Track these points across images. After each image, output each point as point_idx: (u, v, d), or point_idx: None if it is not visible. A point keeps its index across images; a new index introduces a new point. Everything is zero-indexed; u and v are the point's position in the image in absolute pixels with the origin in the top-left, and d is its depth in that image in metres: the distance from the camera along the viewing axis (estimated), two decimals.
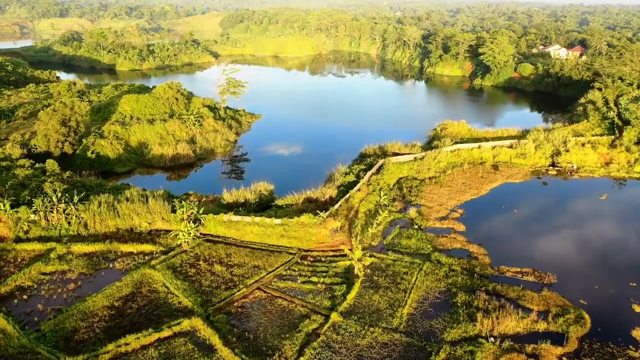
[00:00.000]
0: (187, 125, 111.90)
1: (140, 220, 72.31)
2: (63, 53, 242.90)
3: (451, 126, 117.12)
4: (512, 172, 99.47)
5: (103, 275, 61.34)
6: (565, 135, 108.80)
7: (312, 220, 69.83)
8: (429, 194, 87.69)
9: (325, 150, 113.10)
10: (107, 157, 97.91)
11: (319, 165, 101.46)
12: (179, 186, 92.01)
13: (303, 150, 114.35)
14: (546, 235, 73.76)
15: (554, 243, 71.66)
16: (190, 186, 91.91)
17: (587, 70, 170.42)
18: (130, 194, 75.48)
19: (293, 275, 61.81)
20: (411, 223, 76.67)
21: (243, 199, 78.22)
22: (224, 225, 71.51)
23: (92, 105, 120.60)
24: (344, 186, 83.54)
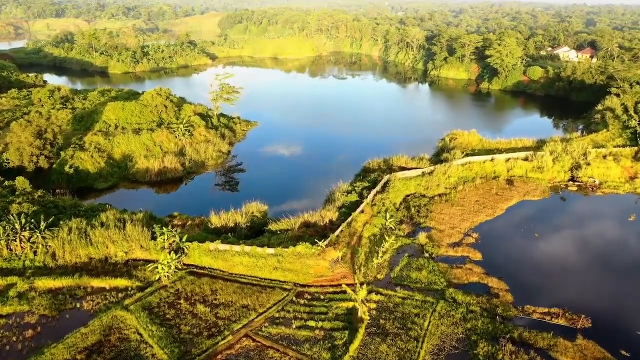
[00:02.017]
0: (177, 135, 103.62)
1: (116, 249, 64.11)
2: (54, 55, 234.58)
3: (461, 136, 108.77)
4: (528, 188, 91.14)
5: (68, 318, 53.14)
6: (585, 147, 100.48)
7: (310, 250, 61.58)
8: (440, 215, 79.39)
9: (325, 161, 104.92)
10: (87, 171, 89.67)
11: (318, 179, 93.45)
12: (165, 204, 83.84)
13: (301, 161, 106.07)
14: (573, 266, 65.47)
15: (583, 276, 63.34)
16: (176, 204, 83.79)
17: (600, 74, 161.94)
18: (106, 217, 67.20)
19: (287, 318, 53.56)
20: (421, 250, 68.41)
21: (233, 223, 69.97)
22: (210, 255, 63.28)
23: (75, 113, 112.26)
24: (346, 207, 75.30)
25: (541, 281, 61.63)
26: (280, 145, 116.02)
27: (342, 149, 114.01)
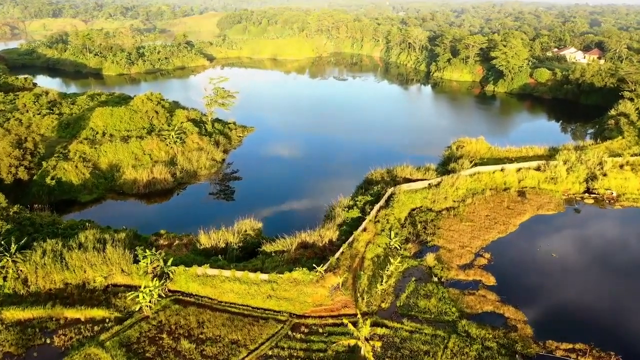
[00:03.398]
0: (168, 143, 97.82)
1: (95, 274, 58.35)
2: (48, 56, 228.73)
3: (468, 144, 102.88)
4: (542, 200, 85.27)
5: (35, 357, 47.37)
6: (601, 156, 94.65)
7: (307, 276, 55.78)
8: (448, 232, 73.56)
9: (325, 169, 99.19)
10: (70, 183, 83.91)
11: (318, 190, 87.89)
12: (152, 219, 78.29)
13: (299, 169, 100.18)
14: (598, 292, 59.61)
15: (609, 303, 57.47)
16: (165, 219, 78.31)
17: (610, 77, 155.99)
18: (85, 238, 61.43)
19: (282, 356, 47.74)
20: (429, 273, 62.57)
21: (224, 243, 64.17)
22: (197, 280, 57.51)
23: (61, 119, 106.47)
24: (347, 224, 69.48)
25: (563, 311, 55.81)
26: (278, 152, 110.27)
27: (343, 156, 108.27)
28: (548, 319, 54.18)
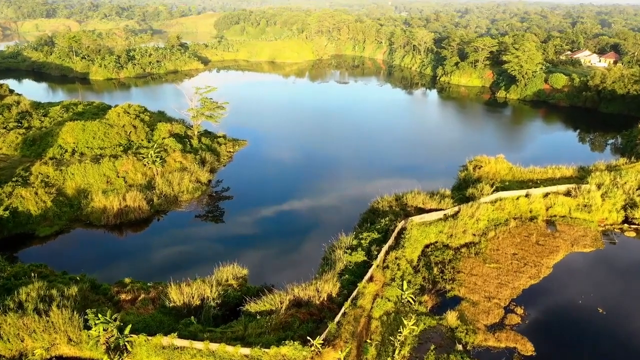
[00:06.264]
0: (146, 162, 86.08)
1: (34, 344, 46.61)
2: (32, 59, 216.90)
3: (486, 164, 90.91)
4: (575, 233, 73.41)
5: None
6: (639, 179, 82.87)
7: (300, 353, 43.93)
8: (470, 277, 61.75)
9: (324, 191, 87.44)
10: (28, 213, 72.17)
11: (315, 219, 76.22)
12: (120, 258, 66.59)
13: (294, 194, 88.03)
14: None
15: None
16: (134, 259, 66.76)
17: (634, 83, 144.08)
18: (27, 296, 49.70)
19: None
20: (451, 337, 50.76)
21: (199, 300, 52.34)
22: (162, 354, 45.68)
23: (27, 135, 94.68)
24: (349, 271, 57.72)
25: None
26: (271, 171, 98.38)
27: (344, 175, 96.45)
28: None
